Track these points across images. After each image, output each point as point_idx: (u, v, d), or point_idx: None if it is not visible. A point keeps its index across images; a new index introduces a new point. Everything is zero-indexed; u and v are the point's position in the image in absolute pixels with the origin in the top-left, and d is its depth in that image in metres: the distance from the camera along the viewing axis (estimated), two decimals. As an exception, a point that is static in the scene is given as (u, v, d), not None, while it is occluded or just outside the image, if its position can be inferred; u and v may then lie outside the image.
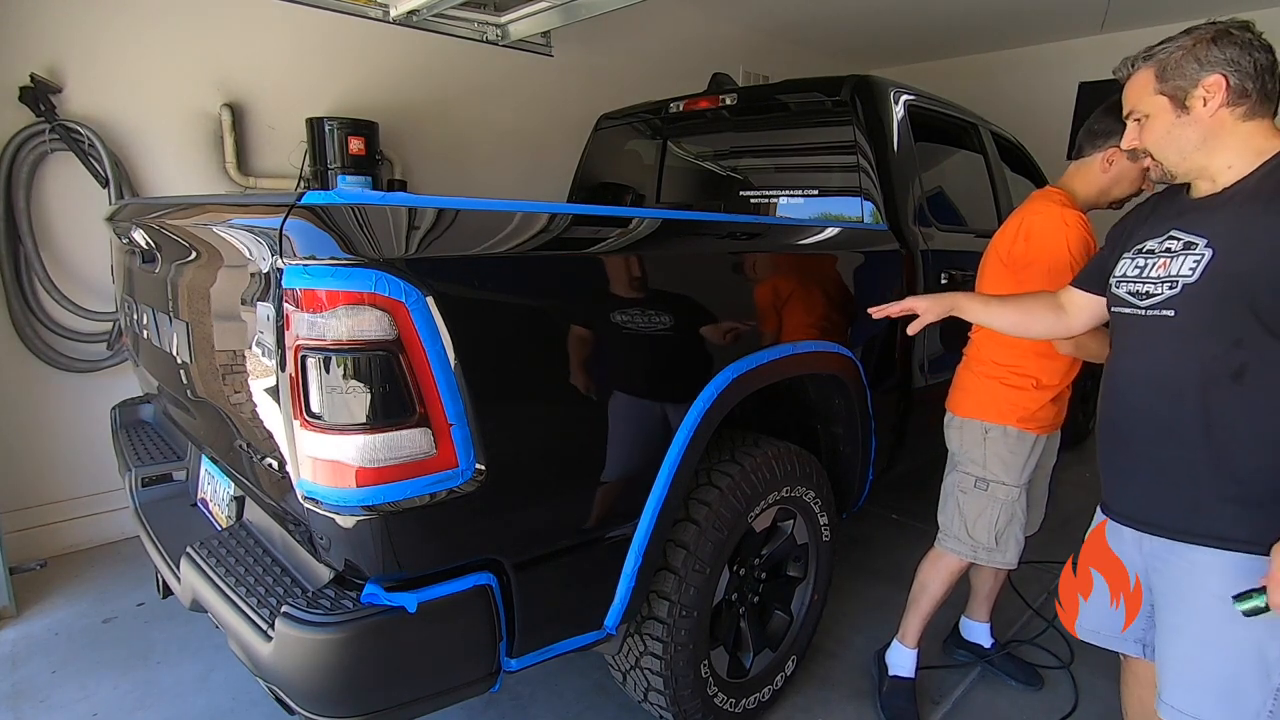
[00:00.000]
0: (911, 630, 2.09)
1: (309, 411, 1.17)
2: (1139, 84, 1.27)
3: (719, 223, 1.93)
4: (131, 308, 2.07)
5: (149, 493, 1.98)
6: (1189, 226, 1.24)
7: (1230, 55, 1.18)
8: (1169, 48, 1.23)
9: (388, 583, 1.25)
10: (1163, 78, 1.23)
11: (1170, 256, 1.24)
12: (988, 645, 2.29)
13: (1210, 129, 1.20)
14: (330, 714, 1.25)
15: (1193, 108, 1.21)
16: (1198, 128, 1.21)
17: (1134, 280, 1.29)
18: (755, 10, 5.05)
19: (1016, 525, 1.93)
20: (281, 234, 1.14)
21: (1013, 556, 1.94)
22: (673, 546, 1.69)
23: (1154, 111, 1.25)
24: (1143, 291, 1.27)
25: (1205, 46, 1.19)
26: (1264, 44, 1.19)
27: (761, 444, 1.91)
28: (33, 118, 2.74)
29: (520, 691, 2.16)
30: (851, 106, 2.47)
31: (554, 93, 4.39)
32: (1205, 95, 1.19)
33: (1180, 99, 1.22)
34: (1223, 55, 1.18)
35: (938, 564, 2.04)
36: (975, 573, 2.19)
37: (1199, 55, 1.19)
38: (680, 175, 3.26)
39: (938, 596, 2.04)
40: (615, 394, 1.49)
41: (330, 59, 3.49)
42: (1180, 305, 1.21)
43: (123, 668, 2.26)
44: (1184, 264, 1.21)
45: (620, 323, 1.49)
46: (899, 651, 2.11)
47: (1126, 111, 1.32)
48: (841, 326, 2.10)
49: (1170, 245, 1.25)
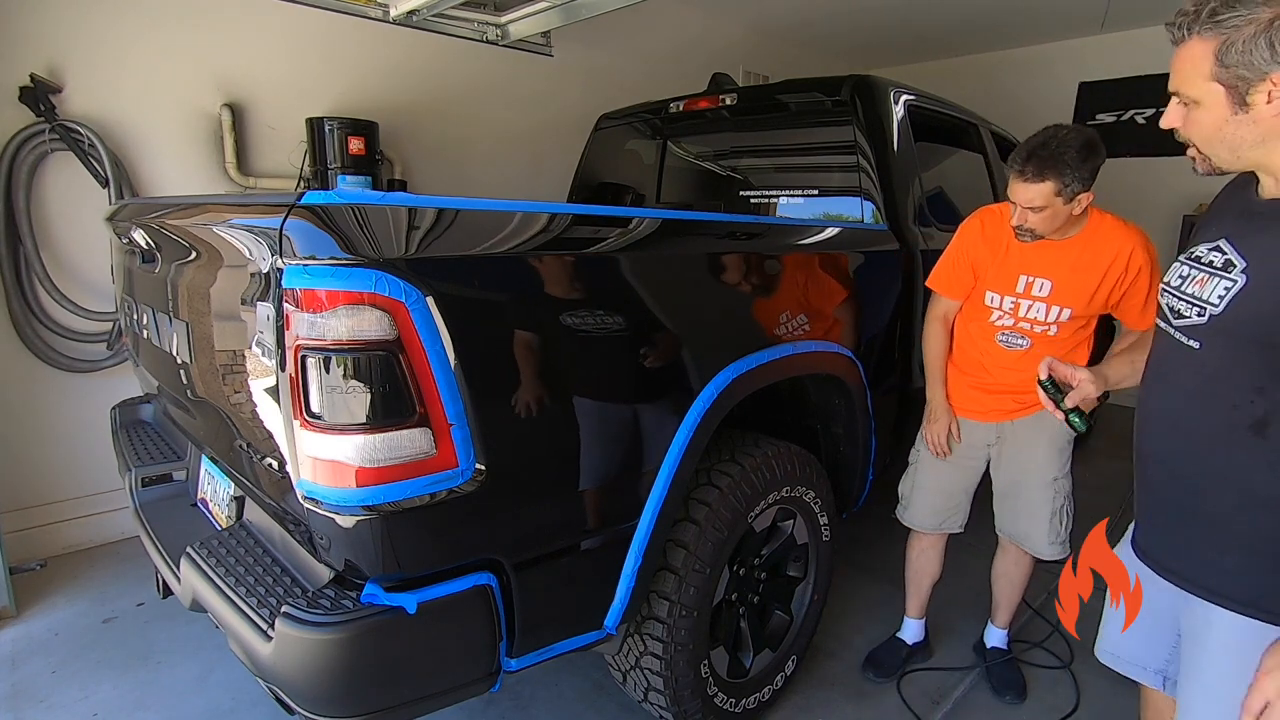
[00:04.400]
0: (1007, 616, 2.28)
1: (309, 411, 1.17)
2: (1192, 58, 1.01)
3: (719, 223, 1.92)
4: (131, 308, 2.07)
5: (149, 493, 1.98)
6: (1238, 238, 1.06)
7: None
8: (1236, 18, 0.95)
9: (387, 583, 1.25)
10: (1224, 61, 0.97)
11: (1210, 274, 1.07)
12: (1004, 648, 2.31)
13: (1271, 128, 0.99)
14: (330, 714, 1.25)
15: (1254, 104, 0.98)
16: (1257, 127, 0.99)
17: (1174, 292, 1.14)
18: (755, 10, 5.05)
19: None
20: (281, 234, 1.13)
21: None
22: (673, 546, 1.69)
23: (1205, 100, 1.01)
24: (1176, 309, 1.13)
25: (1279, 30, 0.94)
26: None
27: (761, 444, 1.91)
28: (33, 118, 2.74)
29: (520, 691, 2.16)
30: (851, 106, 2.47)
31: (554, 93, 4.39)
32: (1273, 91, 0.96)
33: (1242, 91, 0.98)
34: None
35: (1023, 564, 2.15)
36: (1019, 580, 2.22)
37: (1274, 39, 0.93)
38: (680, 175, 3.26)
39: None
40: (615, 394, 1.49)
41: (330, 59, 3.49)
42: (1205, 338, 1.06)
43: (123, 668, 2.26)
44: (1216, 289, 1.04)
45: (620, 322, 1.49)
46: (993, 632, 2.32)
47: (1172, 87, 1.07)
48: (842, 326, 2.11)
49: (1214, 259, 1.08)
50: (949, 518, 2.17)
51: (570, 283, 1.43)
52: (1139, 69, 5.32)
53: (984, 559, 2.31)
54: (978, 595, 2.63)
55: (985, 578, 2.30)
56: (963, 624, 2.53)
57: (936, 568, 2.28)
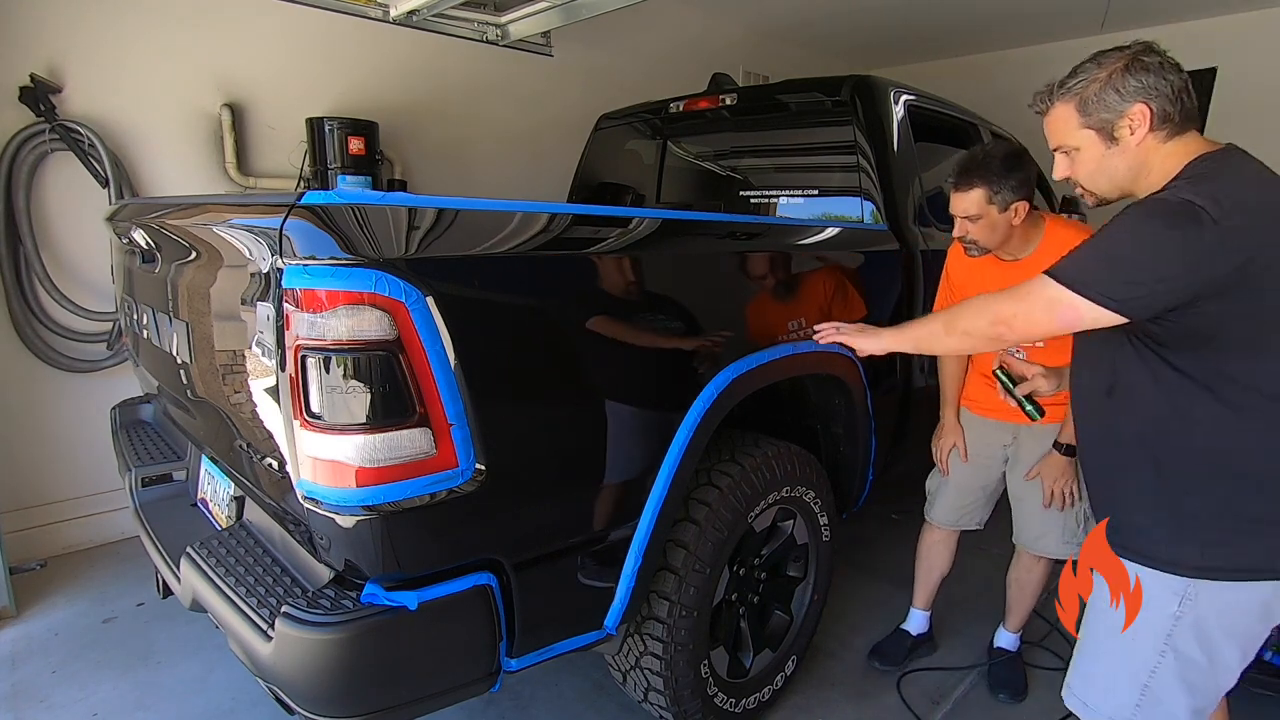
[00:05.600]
0: (1018, 620, 2.29)
1: (309, 411, 1.17)
2: (1061, 119, 1.25)
3: (719, 223, 1.92)
4: (131, 308, 2.07)
5: (149, 493, 1.98)
6: None
7: (1147, 82, 1.17)
8: (1084, 80, 1.21)
9: (388, 583, 1.25)
10: (1085, 111, 1.21)
11: None
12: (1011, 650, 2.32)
13: (1139, 156, 1.20)
14: (330, 714, 1.25)
15: (1121, 138, 1.20)
16: (1127, 156, 1.21)
17: None
18: (755, 10, 5.05)
19: None
20: (281, 234, 1.13)
21: None
22: (673, 546, 1.69)
23: (1083, 145, 1.24)
24: None
25: (1121, 76, 1.18)
26: (1173, 64, 1.19)
27: (761, 444, 1.91)
28: (33, 118, 2.74)
29: (520, 691, 2.16)
30: (851, 106, 2.47)
31: (554, 93, 4.39)
32: (1132, 124, 1.18)
33: (1108, 131, 1.20)
34: (1140, 83, 1.17)
35: (1036, 570, 2.18)
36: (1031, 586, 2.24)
37: (1117, 86, 1.17)
38: (680, 175, 3.26)
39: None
40: (615, 394, 1.49)
41: (330, 59, 3.49)
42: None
43: (123, 668, 2.26)
44: None
45: (620, 323, 1.50)
46: (1003, 635, 2.33)
47: (1054, 146, 1.30)
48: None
49: None
50: (965, 515, 2.24)
51: (570, 283, 1.44)
52: (1139, 69, 5.32)
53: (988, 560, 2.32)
54: (979, 596, 2.63)
55: (989, 580, 2.30)
56: (965, 625, 2.53)
57: (946, 563, 2.34)
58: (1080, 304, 1.13)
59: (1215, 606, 1.19)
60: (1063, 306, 1.15)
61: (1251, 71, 4.87)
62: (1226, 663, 1.22)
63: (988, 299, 1.31)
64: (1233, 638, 1.21)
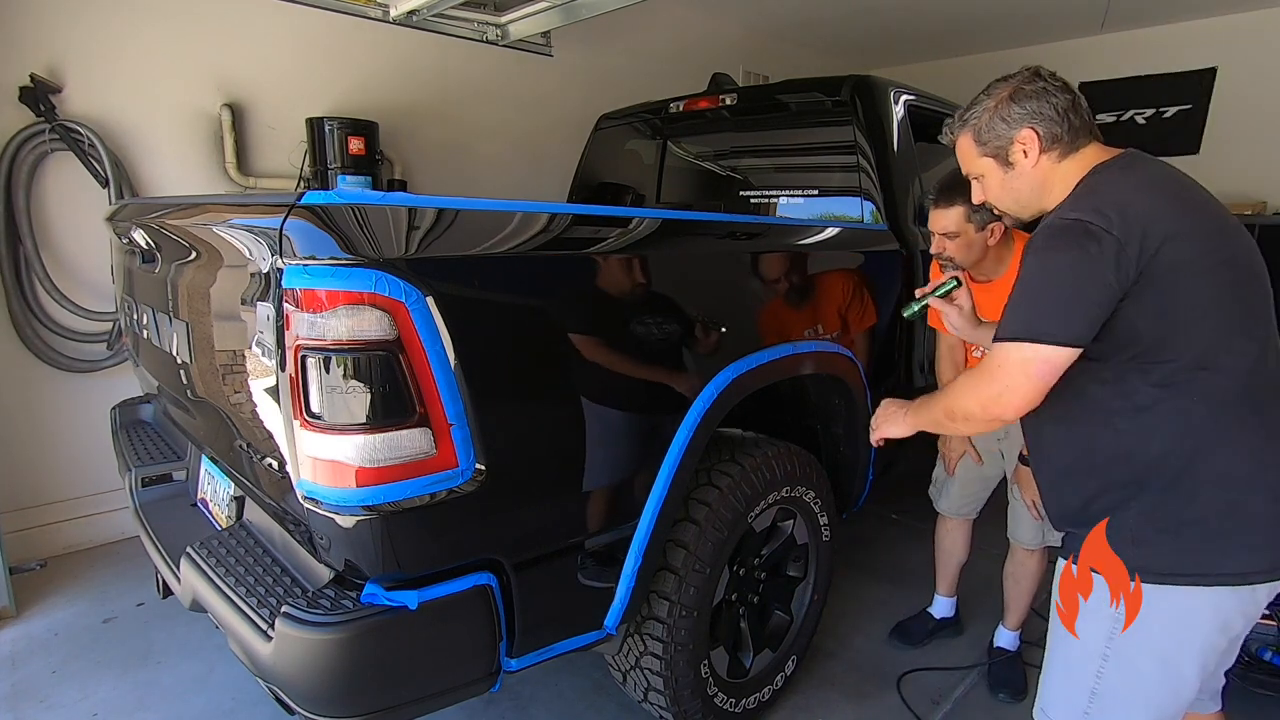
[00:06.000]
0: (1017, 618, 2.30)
1: (309, 411, 1.17)
2: (964, 148, 1.33)
3: (719, 223, 1.92)
4: (131, 308, 2.07)
5: (149, 493, 1.98)
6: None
7: (1031, 108, 1.22)
8: (977, 110, 1.28)
9: (388, 583, 1.25)
10: (981, 140, 1.28)
11: None
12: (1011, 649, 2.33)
13: (1038, 176, 1.26)
14: (330, 714, 1.25)
15: (1016, 163, 1.26)
16: (1026, 178, 1.27)
17: None
18: (755, 10, 5.05)
19: None
20: (281, 234, 1.13)
21: None
22: (673, 546, 1.69)
23: (985, 171, 1.31)
24: None
25: (1005, 105, 1.24)
26: (1059, 84, 1.23)
27: (761, 444, 1.91)
28: (33, 118, 2.74)
29: (520, 691, 2.16)
30: (851, 106, 2.47)
31: (554, 93, 4.39)
32: (1024, 148, 1.24)
33: (1004, 157, 1.27)
34: (1024, 110, 1.22)
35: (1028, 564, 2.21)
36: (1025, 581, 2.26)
37: (1003, 115, 1.24)
38: (680, 175, 3.26)
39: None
40: (615, 394, 1.49)
41: (330, 59, 3.49)
42: None
43: (123, 668, 2.26)
44: None
45: (620, 322, 1.50)
46: (1003, 633, 2.34)
47: (965, 172, 1.38)
48: (841, 326, 2.10)
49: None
50: (967, 504, 2.34)
51: (570, 283, 1.44)
52: (1139, 69, 5.32)
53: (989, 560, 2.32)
54: (979, 596, 2.63)
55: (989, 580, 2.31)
56: (965, 625, 2.52)
57: (962, 550, 2.41)
58: (1046, 351, 1.12)
59: (1157, 611, 1.18)
60: (1036, 362, 1.13)
61: (1251, 71, 4.87)
62: (1183, 675, 1.19)
63: (967, 384, 1.27)
64: (1185, 648, 1.18)
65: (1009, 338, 1.15)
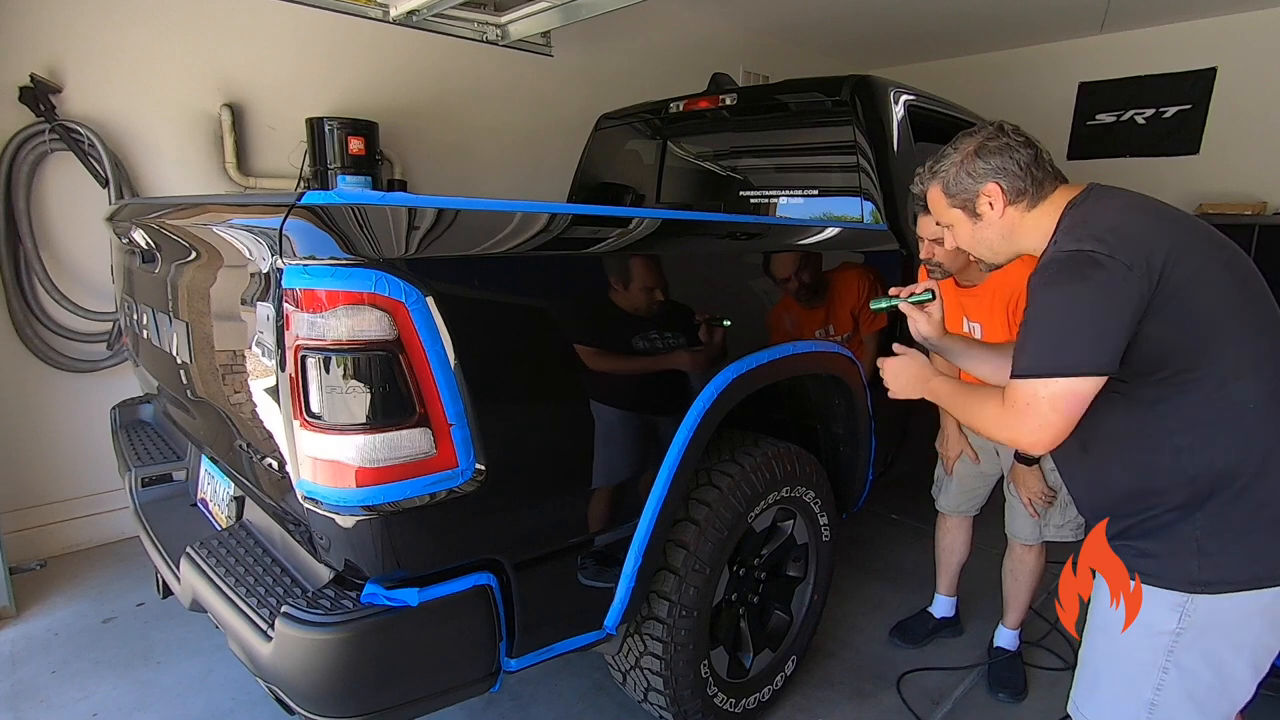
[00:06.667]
0: (1017, 616, 2.30)
1: (309, 411, 1.17)
2: (934, 198, 1.36)
3: (719, 223, 1.92)
4: (131, 308, 2.07)
5: (149, 493, 1.98)
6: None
7: (995, 164, 1.25)
8: (944, 165, 1.32)
9: (388, 583, 1.25)
10: (949, 193, 1.32)
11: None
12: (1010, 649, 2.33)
13: (1006, 225, 1.29)
14: (330, 714, 1.25)
15: (984, 214, 1.30)
16: (994, 228, 1.30)
17: None
18: (755, 10, 5.05)
19: None
20: (281, 234, 1.13)
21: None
22: (673, 546, 1.69)
23: (954, 221, 1.35)
24: None
25: (971, 161, 1.27)
26: (1022, 139, 1.26)
27: (761, 444, 1.91)
28: (33, 118, 2.74)
29: (520, 691, 2.16)
30: (851, 106, 2.47)
31: (554, 93, 4.39)
32: (989, 200, 1.28)
33: (971, 208, 1.31)
34: (988, 165, 1.26)
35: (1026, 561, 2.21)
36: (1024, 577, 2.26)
37: (969, 170, 1.28)
38: (680, 175, 3.26)
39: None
40: (615, 394, 1.49)
41: (330, 59, 3.49)
42: None
43: (123, 668, 2.26)
44: None
45: (620, 323, 1.50)
46: (1002, 633, 2.34)
47: (936, 222, 1.42)
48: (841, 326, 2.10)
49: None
50: (967, 501, 2.35)
51: (570, 283, 1.44)
52: (1139, 69, 5.32)
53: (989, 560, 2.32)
54: (979, 596, 2.63)
55: (989, 580, 2.31)
56: (965, 625, 2.52)
57: (963, 549, 2.42)
58: (1074, 383, 1.11)
59: (1216, 619, 1.18)
60: (1065, 397, 1.12)
61: (1251, 71, 4.87)
62: (1237, 678, 1.20)
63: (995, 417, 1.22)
64: (1240, 650, 1.19)
65: (1032, 374, 1.14)
